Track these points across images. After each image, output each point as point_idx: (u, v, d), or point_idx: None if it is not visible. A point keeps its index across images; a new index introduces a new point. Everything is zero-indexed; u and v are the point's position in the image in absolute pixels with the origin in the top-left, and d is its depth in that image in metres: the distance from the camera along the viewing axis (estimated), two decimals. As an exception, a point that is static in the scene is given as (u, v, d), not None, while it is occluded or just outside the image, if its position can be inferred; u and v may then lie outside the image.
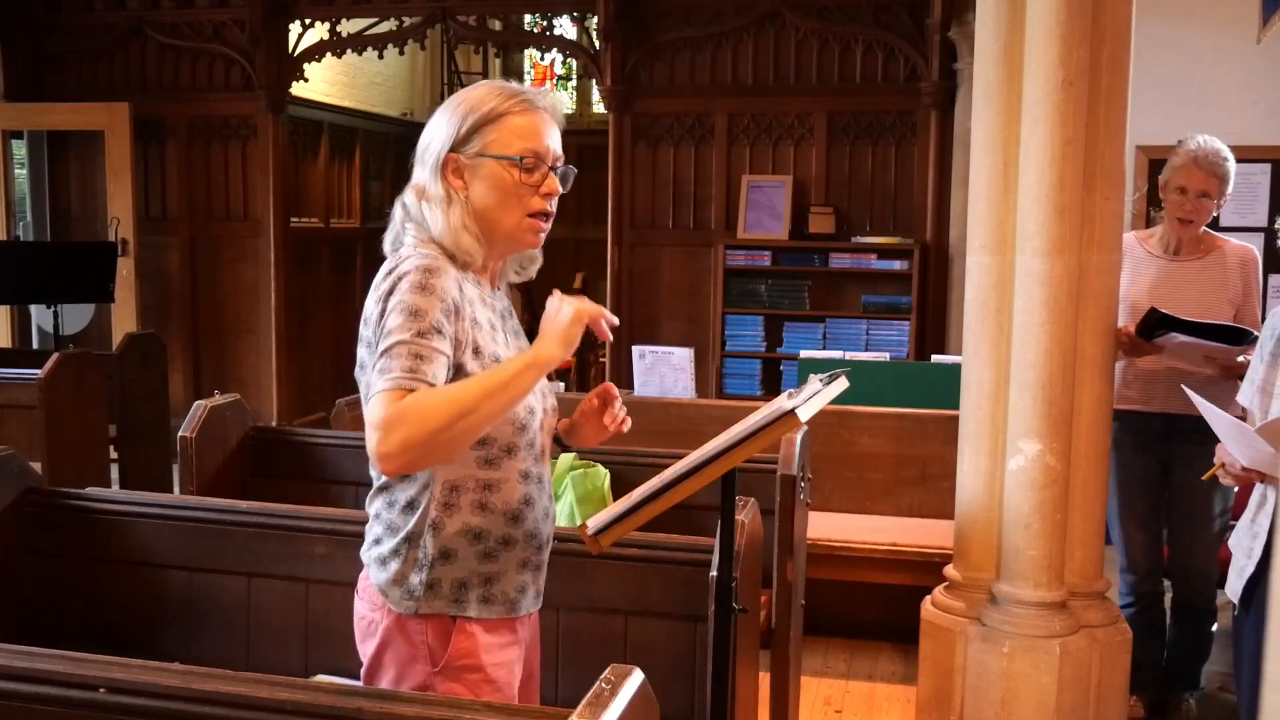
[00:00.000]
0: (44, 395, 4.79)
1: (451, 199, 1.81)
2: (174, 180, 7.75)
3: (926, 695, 3.26)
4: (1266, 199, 5.65)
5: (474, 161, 1.81)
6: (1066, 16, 2.90)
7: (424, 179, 1.84)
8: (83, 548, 2.79)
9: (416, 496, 1.81)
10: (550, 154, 1.85)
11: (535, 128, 1.83)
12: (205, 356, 7.81)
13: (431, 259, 1.76)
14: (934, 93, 6.62)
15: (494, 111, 1.81)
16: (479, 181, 1.82)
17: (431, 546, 1.80)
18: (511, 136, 1.81)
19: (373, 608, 1.86)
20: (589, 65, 7.37)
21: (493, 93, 1.83)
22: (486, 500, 1.82)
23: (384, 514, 1.86)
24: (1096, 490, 3.13)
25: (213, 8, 7.51)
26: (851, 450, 4.46)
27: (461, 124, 1.81)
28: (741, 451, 1.89)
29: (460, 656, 1.81)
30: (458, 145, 1.81)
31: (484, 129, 1.81)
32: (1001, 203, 3.06)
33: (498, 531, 1.83)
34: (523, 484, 1.85)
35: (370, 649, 1.86)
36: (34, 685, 1.66)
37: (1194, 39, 5.56)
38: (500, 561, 1.84)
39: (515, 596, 1.86)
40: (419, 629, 1.81)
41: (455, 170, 1.82)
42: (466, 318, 1.77)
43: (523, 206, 1.83)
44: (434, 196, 1.82)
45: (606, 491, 3.47)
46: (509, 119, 1.81)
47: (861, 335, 6.78)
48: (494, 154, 1.80)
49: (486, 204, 1.82)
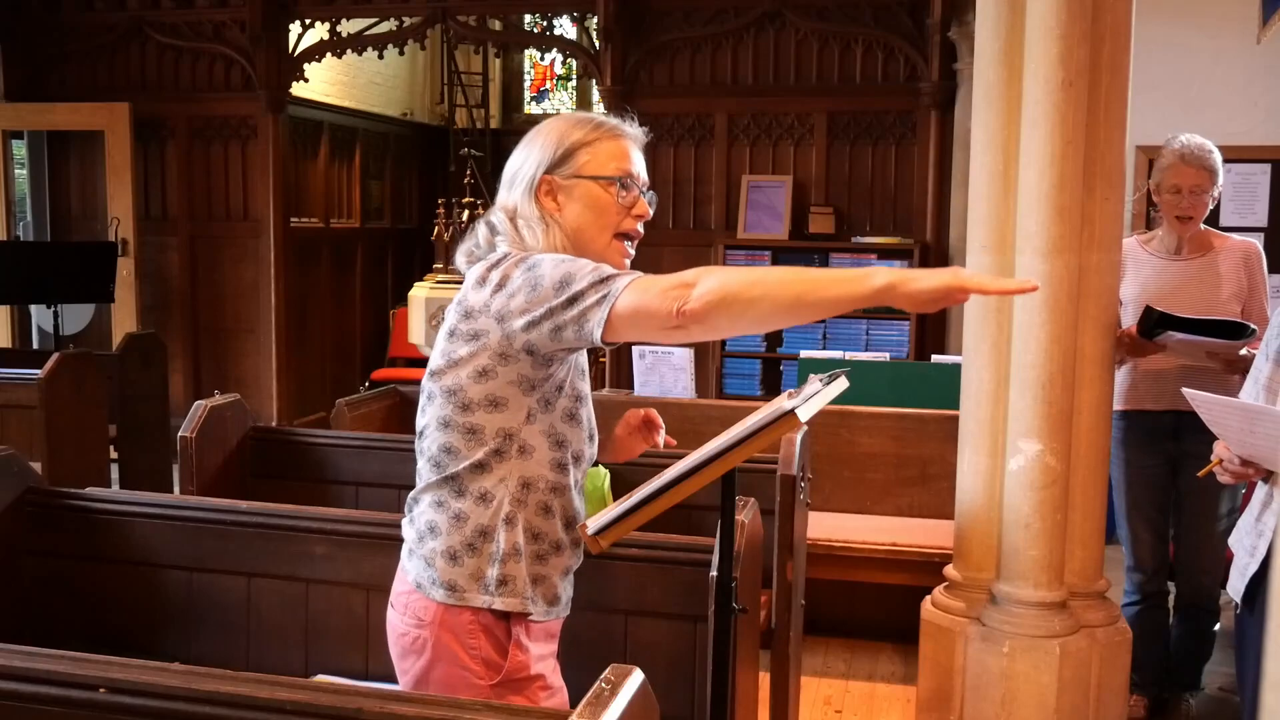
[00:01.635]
0: (44, 395, 4.79)
1: (547, 222, 1.84)
2: (174, 180, 7.75)
3: (926, 695, 3.26)
4: (1266, 199, 5.65)
5: (569, 182, 1.85)
6: (1066, 16, 2.90)
7: (514, 201, 1.86)
8: (83, 548, 2.79)
9: (491, 489, 1.80)
10: (640, 177, 1.90)
11: (626, 151, 1.89)
12: (205, 356, 7.81)
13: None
14: (934, 93, 6.62)
15: (586, 138, 1.86)
16: (574, 202, 1.85)
17: (505, 540, 1.80)
18: (606, 158, 1.86)
19: (419, 624, 1.81)
20: (589, 65, 7.37)
21: (580, 121, 1.90)
22: (550, 503, 1.84)
23: (451, 503, 1.82)
24: (1096, 490, 3.13)
25: (213, 8, 7.51)
26: (851, 450, 4.46)
27: (557, 148, 1.86)
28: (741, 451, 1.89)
29: (518, 670, 1.81)
30: (553, 168, 1.85)
31: (579, 151, 1.85)
32: (1001, 203, 3.06)
33: (553, 535, 1.86)
34: (578, 496, 1.91)
35: (418, 666, 1.81)
36: (34, 685, 1.66)
37: (1193, 39, 5.56)
38: (549, 565, 1.86)
39: (553, 599, 1.88)
40: (475, 642, 1.78)
41: (549, 191, 1.85)
42: None
43: (614, 226, 1.88)
44: (529, 217, 1.84)
45: (606, 491, 3.47)
46: (601, 143, 1.87)
47: (861, 335, 6.77)
48: (590, 174, 1.85)
49: (581, 223, 1.85)
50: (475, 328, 1.78)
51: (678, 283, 1.63)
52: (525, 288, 1.72)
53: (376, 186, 9.32)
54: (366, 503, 3.43)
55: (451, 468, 1.82)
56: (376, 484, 3.53)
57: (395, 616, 1.87)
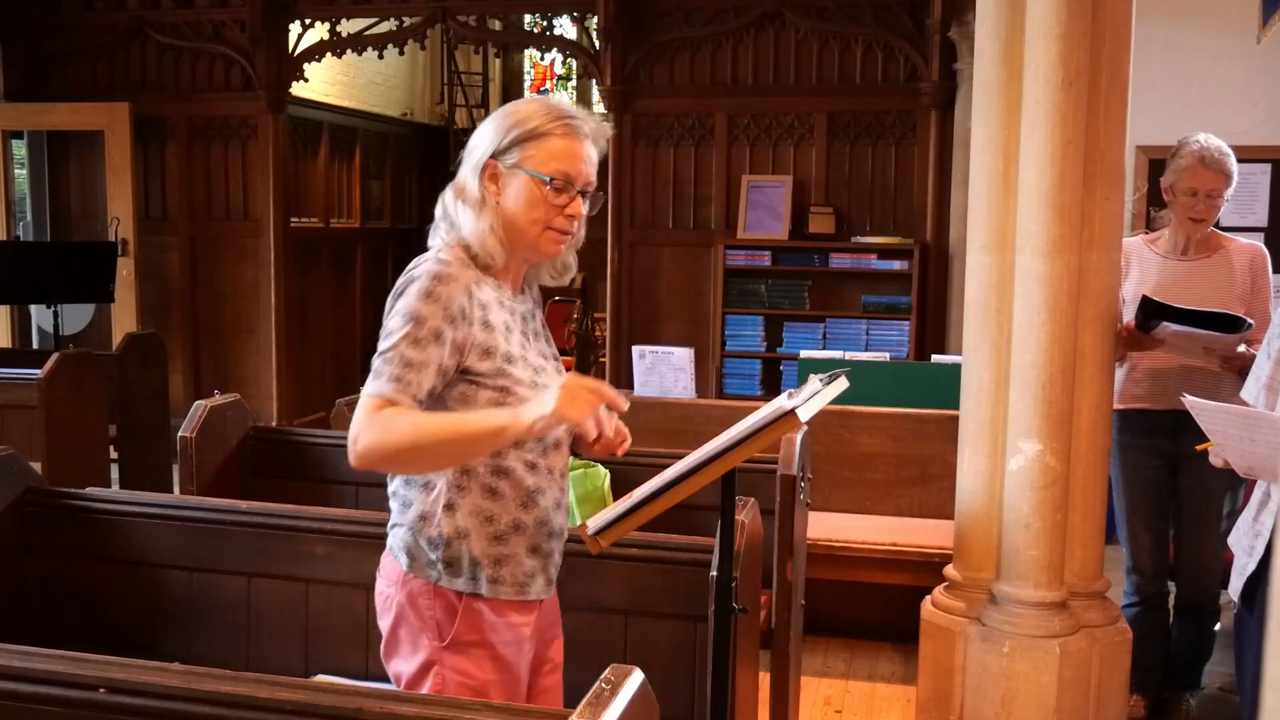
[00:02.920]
0: (44, 395, 4.79)
1: (485, 202, 1.91)
2: (174, 180, 7.75)
3: (926, 695, 3.26)
4: (1266, 199, 5.65)
5: (510, 171, 1.90)
6: (1066, 16, 2.90)
7: (465, 178, 1.94)
8: (83, 548, 2.79)
9: (433, 478, 1.90)
10: (581, 178, 1.93)
11: (573, 151, 1.91)
12: (205, 356, 7.80)
13: (445, 265, 1.86)
14: (934, 93, 6.62)
15: (538, 129, 1.89)
16: (511, 190, 1.91)
17: (446, 525, 1.89)
18: (548, 156, 1.89)
19: (389, 583, 1.95)
20: (589, 65, 7.37)
21: (541, 110, 1.92)
22: (495, 485, 1.90)
23: (400, 490, 1.95)
24: (1096, 490, 3.13)
25: (213, 8, 7.51)
26: (851, 450, 4.46)
27: (506, 134, 1.90)
28: (741, 451, 1.89)
29: (467, 632, 1.88)
30: (499, 153, 1.91)
31: (525, 143, 1.89)
32: (1001, 203, 3.06)
33: (508, 515, 1.91)
34: (530, 474, 1.92)
35: (386, 624, 1.95)
36: (34, 685, 1.66)
37: (1194, 39, 5.56)
38: (510, 545, 1.91)
39: (525, 580, 1.93)
40: (429, 605, 1.89)
41: (492, 175, 1.91)
42: (476, 322, 1.85)
43: (545, 222, 1.91)
44: (470, 198, 1.92)
45: (606, 491, 3.47)
46: (550, 139, 1.90)
47: (861, 335, 6.77)
48: (528, 169, 1.89)
49: (515, 212, 1.91)
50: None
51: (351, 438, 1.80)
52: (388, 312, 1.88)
53: (376, 186, 9.33)
54: (366, 503, 3.43)
55: None
56: (376, 484, 3.49)
57: (378, 578, 2.00)
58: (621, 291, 7.19)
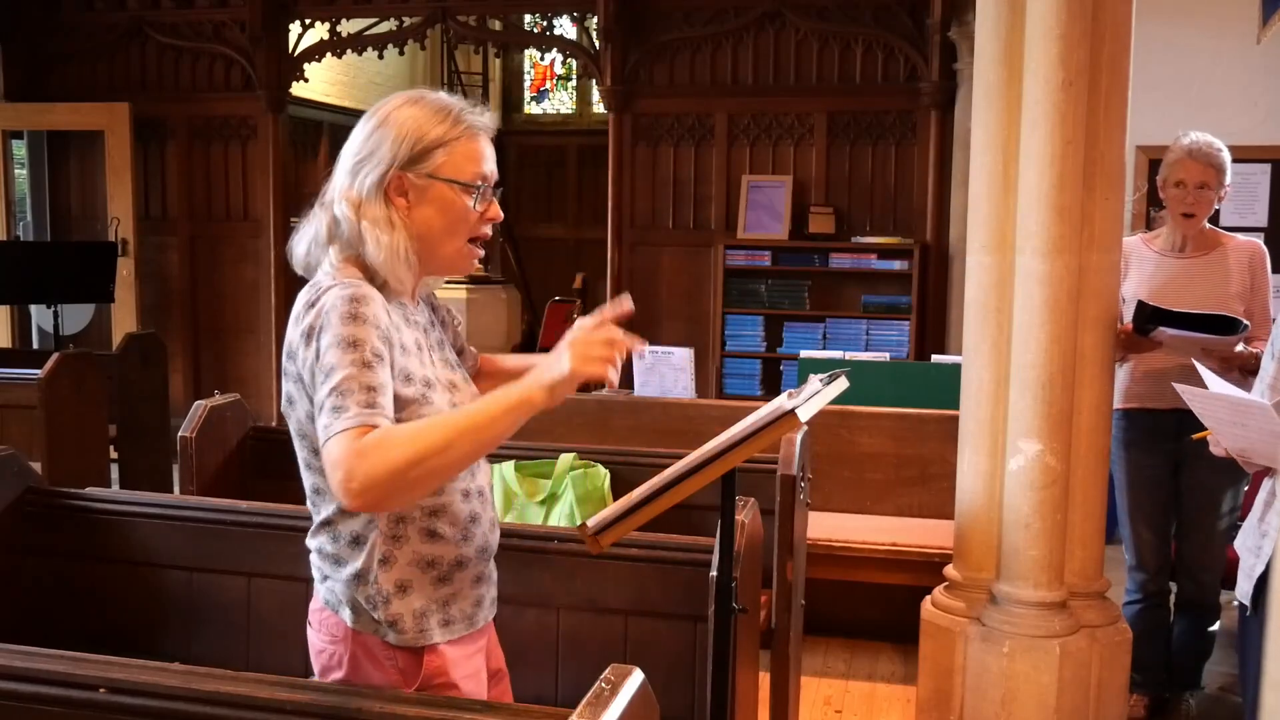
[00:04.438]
0: (44, 395, 4.79)
1: (394, 223, 1.72)
2: (174, 180, 7.75)
3: (926, 695, 3.26)
4: (1266, 199, 5.65)
5: (423, 182, 1.74)
6: (1066, 16, 2.90)
7: (359, 193, 1.74)
8: (83, 548, 2.79)
9: (362, 532, 1.75)
10: (493, 178, 1.80)
11: (482, 152, 1.78)
12: (205, 356, 7.81)
13: (355, 286, 1.67)
14: (934, 93, 6.62)
15: (446, 134, 1.75)
16: (426, 204, 1.74)
17: (385, 582, 1.74)
18: (463, 160, 1.75)
19: (332, 640, 1.79)
20: (589, 65, 7.37)
21: (440, 111, 1.77)
22: (434, 526, 1.76)
23: (328, 548, 1.78)
24: (1096, 490, 3.13)
25: (213, 8, 7.51)
26: (851, 450, 4.46)
27: (414, 143, 1.73)
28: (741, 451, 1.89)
29: (435, 676, 1.78)
30: (406, 164, 1.73)
31: (435, 151, 1.74)
32: (1001, 203, 3.06)
33: (450, 555, 1.78)
34: (465, 502, 1.80)
35: (337, 679, 1.79)
36: (34, 685, 1.66)
37: (1194, 39, 5.56)
38: (455, 583, 1.80)
39: (472, 611, 1.84)
40: (388, 655, 1.76)
41: (400, 190, 1.74)
42: (395, 344, 1.70)
43: (468, 231, 1.78)
44: (375, 217, 1.72)
45: (606, 491, 3.47)
46: (460, 143, 1.75)
47: (861, 335, 6.78)
48: (446, 177, 1.74)
49: (431, 227, 1.75)
50: (295, 369, 1.71)
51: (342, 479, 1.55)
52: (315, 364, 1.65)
53: (376, 186, 9.32)
54: (366, 503, 3.42)
55: (324, 510, 1.79)
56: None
57: (312, 633, 1.84)
58: (621, 291, 7.17)
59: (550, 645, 2.52)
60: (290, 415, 1.76)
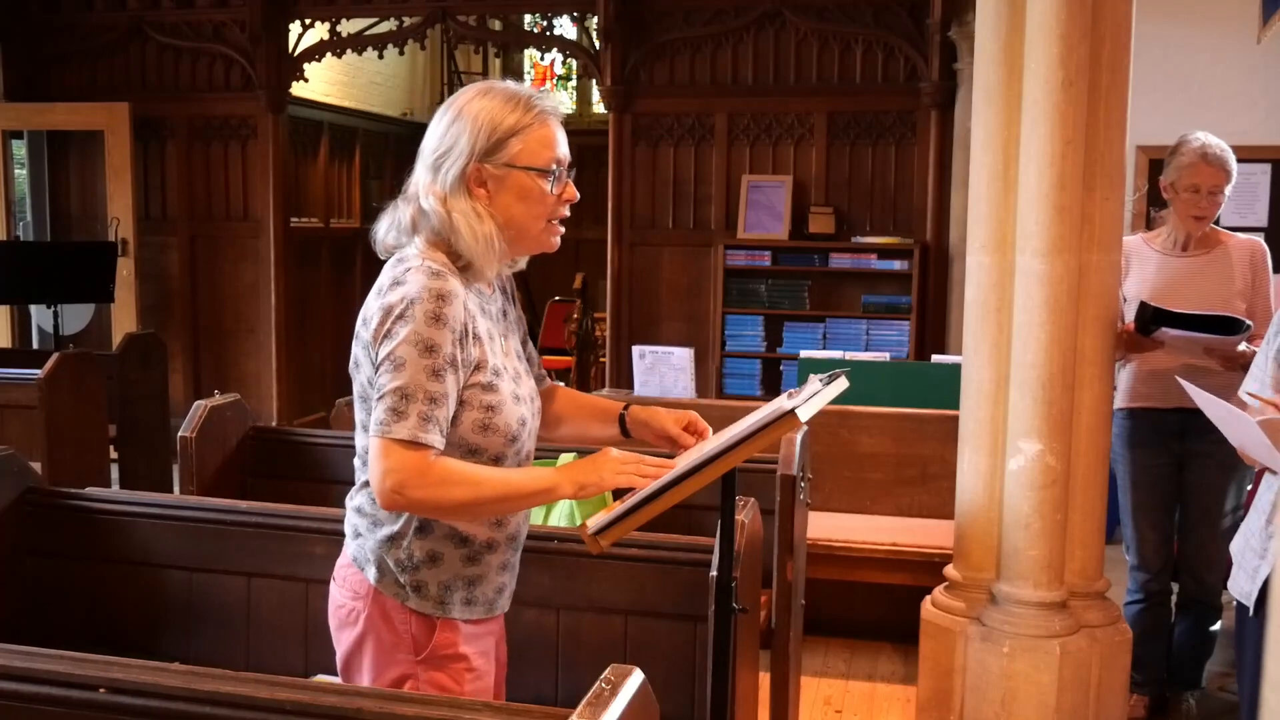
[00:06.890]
0: (44, 395, 4.79)
1: (481, 214, 1.81)
2: (174, 180, 7.75)
3: (926, 695, 3.26)
4: (1266, 199, 5.65)
5: (501, 171, 1.81)
6: (1066, 16, 2.90)
7: (445, 189, 1.82)
8: (83, 548, 2.79)
9: None
10: (567, 159, 1.88)
11: (554, 136, 1.85)
12: (205, 356, 7.80)
13: (442, 280, 1.76)
14: (934, 93, 6.62)
15: (520, 122, 1.81)
16: (505, 192, 1.82)
17: (417, 549, 1.83)
18: (539, 147, 1.83)
19: (354, 595, 1.87)
20: (589, 65, 7.37)
21: (513, 99, 1.83)
22: None
23: (367, 508, 1.86)
24: (1096, 490, 3.13)
25: (213, 8, 7.51)
26: (851, 450, 4.46)
27: (491, 134, 1.80)
28: (741, 451, 1.89)
29: (444, 646, 1.85)
30: (484, 155, 1.81)
31: (511, 140, 1.81)
32: (1001, 203, 3.06)
33: (482, 536, 1.87)
34: None
35: (350, 637, 1.88)
36: (34, 685, 1.66)
37: (1194, 39, 5.56)
38: (483, 564, 1.88)
39: (494, 597, 1.91)
40: (404, 619, 1.84)
41: (480, 181, 1.82)
42: (470, 335, 1.78)
43: (546, 214, 1.86)
44: (463, 210, 1.80)
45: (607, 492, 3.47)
46: (533, 130, 1.82)
47: (861, 335, 6.77)
48: (523, 165, 1.82)
49: (514, 213, 1.83)
50: (366, 336, 1.79)
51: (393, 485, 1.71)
52: (386, 350, 1.74)
53: (376, 186, 9.32)
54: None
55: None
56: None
57: (335, 589, 1.92)
58: (621, 291, 7.19)
59: (550, 645, 2.52)
60: (355, 377, 1.84)
